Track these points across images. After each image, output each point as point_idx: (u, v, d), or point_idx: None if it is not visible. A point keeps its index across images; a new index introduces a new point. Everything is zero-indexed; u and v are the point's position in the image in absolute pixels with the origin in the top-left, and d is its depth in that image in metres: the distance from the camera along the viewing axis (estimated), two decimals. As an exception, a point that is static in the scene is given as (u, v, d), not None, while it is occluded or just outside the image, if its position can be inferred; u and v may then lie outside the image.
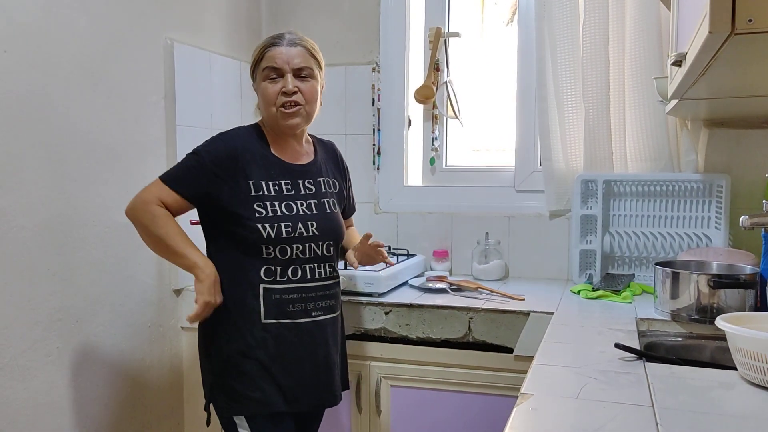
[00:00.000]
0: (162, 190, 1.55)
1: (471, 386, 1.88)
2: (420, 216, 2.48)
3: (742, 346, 1.14)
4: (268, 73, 1.57)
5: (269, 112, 1.59)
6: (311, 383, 1.61)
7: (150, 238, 1.57)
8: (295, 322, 1.58)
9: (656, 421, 0.96)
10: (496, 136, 2.61)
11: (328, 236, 1.62)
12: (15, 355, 1.58)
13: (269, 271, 1.56)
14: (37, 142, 1.62)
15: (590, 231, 2.20)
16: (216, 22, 2.32)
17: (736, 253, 1.87)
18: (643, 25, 2.08)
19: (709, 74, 1.15)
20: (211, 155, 1.55)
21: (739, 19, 0.84)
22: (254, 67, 1.62)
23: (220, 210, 1.56)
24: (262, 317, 1.55)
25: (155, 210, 1.53)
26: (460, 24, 2.56)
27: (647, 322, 1.67)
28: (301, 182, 1.62)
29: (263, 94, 1.58)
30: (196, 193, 1.56)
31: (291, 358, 1.57)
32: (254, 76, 1.63)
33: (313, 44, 1.62)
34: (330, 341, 1.65)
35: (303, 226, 1.57)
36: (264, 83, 1.58)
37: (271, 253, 1.55)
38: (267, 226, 1.53)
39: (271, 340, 1.56)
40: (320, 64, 1.64)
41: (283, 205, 1.57)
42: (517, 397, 1.08)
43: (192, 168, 1.56)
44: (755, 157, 2.07)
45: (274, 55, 1.56)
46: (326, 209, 1.64)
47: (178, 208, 1.57)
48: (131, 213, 1.57)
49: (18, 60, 1.57)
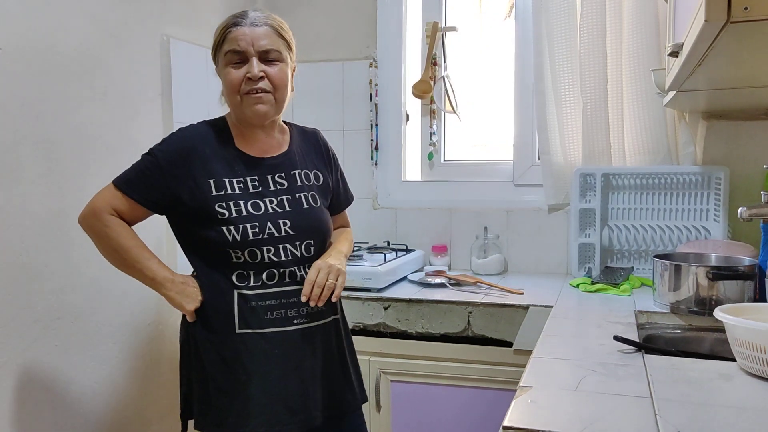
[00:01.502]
0: (115, 197, 1.41)
1: (470, 380, 1.88)
2: (418, 211, 2.48)
3: (741, 337, 1.14)
4: (231, 57, 1.40)
5: (233, 101, 1.43)
6: (297, 402, 1.44)
7: (105, 251, 1.43)
8: (273, 331, 1.42)
9: (655, 413, 0.96)
10: (494, 130, 2.60)
11: (307, 235, 1.46)
12: (14, 353, 1.58)
13: (241, 276, 1.42)
14: (34, 139, 1.62)
15: (589, 224, 2.19)
16: (213, 18, 2.31)
17: (734, 245, 1.87)
18: (640, 18, 2.07)
19: (706, 64, 1.15)
20: (165, 154, 1.41)
21: (735, 7, 0.84)
22: (215, 50, 1.45)
23: (183, 213, 1.42)
24: (237, 327, 1.41)
25: (107, 220, 1.40)
26: (457, 18, 2.56)
27: (646, 314, 1.67)
28: (270, 177, 1.46)
29: (226, 80, 1.42)
30: (152, 198, 1.41)
31: (272, 373, 1.42)
32: (216, 60, 1.46)
33: (281, 22, 1.46)
34: (319, 352, 1.48)
35: (273, 225, 1.41)
36: (227, 68, 1.41)
37: (240, 258, 1.40)
38: (231, 229, 1.38)
39: (247, 352, 1.41)
40: (290, 45, 1.47)
41: (249, 204, 1.41)
42: (516, 390, 1.08)
43: (146, 170, 1.41)
44: (753, 148, 2.07)
45: (236, 36, 1.39)
46: (302, 204, 1.47)
47: (133, 215, 1.43)
48: (83, 222, 1.43)
49: (14, 57, 1.56)
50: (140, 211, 1.43)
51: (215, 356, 1.43)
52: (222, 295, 1.42)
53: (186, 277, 1.46)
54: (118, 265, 1.45)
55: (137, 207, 1.42)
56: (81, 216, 1.44)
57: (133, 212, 1.43)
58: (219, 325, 1.43)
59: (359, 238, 2.41)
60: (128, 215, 1.43)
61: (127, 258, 1.42)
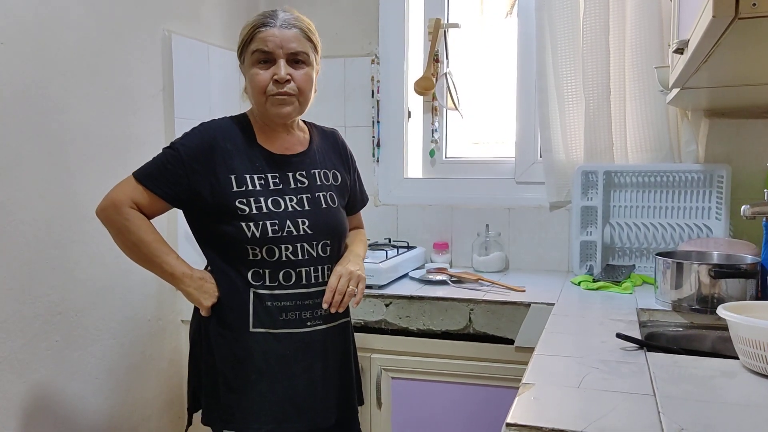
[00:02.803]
0: (135, 190, 1.40)
1: (472, 378, 1.88)
2: (420, 208, 2.47)
3: (743, 335, 1.14)
4: (259, 56, 1.40)
5: (258, 100, 1.43)
6: (306, 402, 1.45)
7: (124, 245, 1.43)
8: (287, 332, 1.43)
9: (658, 410, 0.96)
10: (496, 127, 2.60)
11: (324, 235, 1.46)
12: (14, 348, 1.58)
13: (257, 275, 1.42)
14: (35, 136, 1.62)
15: (591, 222, 2.19)
16: (214, 13, 2.31)
17: (736, 243, 1.87)
18: (643, 15, 2.07)
19: (711, 61, 1.14)
20: (187, 149, 1.41)
21: (743, 3, 0.83)
22: (242, 47, 1.45)
23: (202, 208, 1.42)
24: (251, 325, 1.42)
25: (128, 213, 1.39)
26: (459, 15, 2.55)
27: (648, 312, 1.66)
28: (290, 175, 1.47)
29: (252, 80, 1.42)
30: (173, 192, 1.41)
31: (282, 373, 1.43)
32: (242, 57, 1.46)
33: (309, 24, 1.47)
34: (329, 354, 1.50)
35: (292, 224, 1.42)
36: (254, 68, 1.42)
37: (258, 255, 1.40)
38: (251, 225, 1.38)
39: (259, 351, 1.42)
40: (316, 48, 1.48)
41: (269, 201, 1.41)
42: (519, 388, 1.08)
43: (168, 164, 1.41)
44: (756, 147, 2.06)
45: (265, 37, 1.40)
46: (321, 204, 1.48)
47: (153, 209, 1.43)
48: (102, 215, 1.42)
49: (15, 52, 1.56)
50: (161, 204, 1.43)
51: (227, 353, 1.44)
52: (238, 292, 1.43)
53: (203, 273, 1.46)
54: (136, 258, 1.44)
55: (158, 201, 1.42)
56: (100, 208, 1.43)
57: (153, 206, 1.43)
58: (233, 322, 1.43)
59: (360, 234, 2.41)
60: (148, 209, 1.43)
61: (147, 252, 1.41)
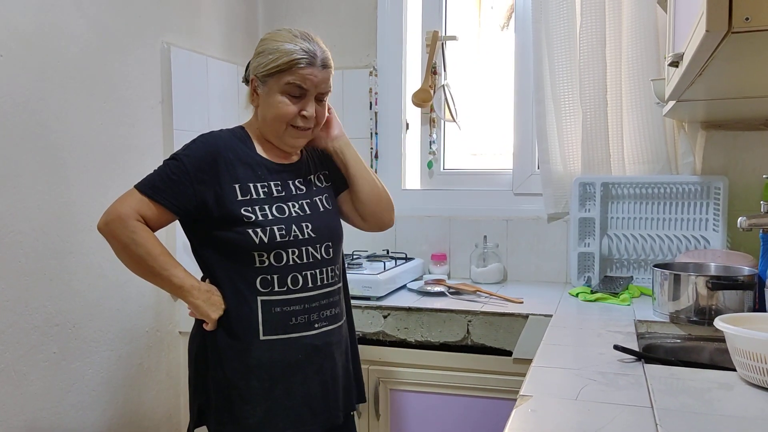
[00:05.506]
0: (141, 203, 1.39)
1: (470, 389, 1.87)
2: (418, 219, 2.48)
3: (741, 347, 1.14)
4: (292, 89, 1.42)
5: (276, 127, 1.45)
6: (320, 404, 1.48)
7: (130, 258, 1.41)
8: (297, 336, 1.44)
9: (656, 422, 0.96)
10: (494, 139, 2.61)
11: (325, 237, 1.50)
12: (12, 359, 1.57)
13: (265, 282, 1.42)
14: (34, 147, 1.62)
15: (588, 234, 2.20)
16: (213, 26, 2.32)
17: (734, 254, 1.87)
18: (639, 28, 2.08)
19: (706, 74, 1.15)
20: (191, 159, 1.41)
21: (736, 17, 0.84)
22: (273, 71, 1.42)
23: (207, 219, 1.42)
24: (261, 333, 1.42)
25: (135, 226, 1.38)
26: (457, 27, 2.57)
27: (646, 324, 1.66)
28: (291, 182, 1.50)
29: (276, 107, 1.43)
30: (180, 203, 1.41)
31: (295, 377, 1.45)
32: (266, 79, 1.43)
33: (331, 58, 1.49)
34: (336, 354, 1.52)
35: (297, 228, 1.44)
36: (282, 97, 1.42)
37: (265, 261, 1.42)
38: (258, 231, 1.40)
39: (271, 358, 1.43)
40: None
41: (273, 208, 1.44)
42: (516, 400, 1.07)
43: (173, 175, 1.40)
44: (753, 158, 2.07)
45: (307, 75, 1.41)
46: (319, 207, 1.52)
47: (159, 221, 1.42)
48: (106, 229, 1.40)
49: (15, 64, 1.56)
50: (167, 216, 1.43)
51: (238, 364, 1.43)
52: (246, 302, 1.43)
53: (210, 286, 1.46)
54: (142, 271, 1.43)
55: (165, 213, 1.41)
56: (103, 222, 1.41)
57: (159, 218, 1.42)
58: (242, 332, 1.43)
59: (358, 246, 2.42)
60: (154, 221, 1.42)
61: (154, 265, 1.40)
